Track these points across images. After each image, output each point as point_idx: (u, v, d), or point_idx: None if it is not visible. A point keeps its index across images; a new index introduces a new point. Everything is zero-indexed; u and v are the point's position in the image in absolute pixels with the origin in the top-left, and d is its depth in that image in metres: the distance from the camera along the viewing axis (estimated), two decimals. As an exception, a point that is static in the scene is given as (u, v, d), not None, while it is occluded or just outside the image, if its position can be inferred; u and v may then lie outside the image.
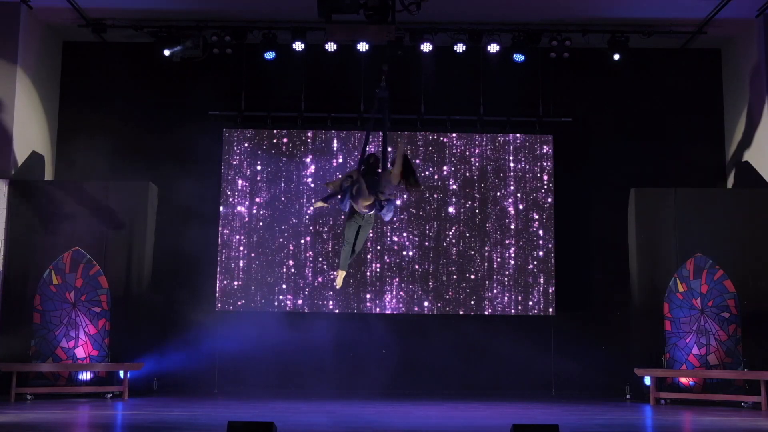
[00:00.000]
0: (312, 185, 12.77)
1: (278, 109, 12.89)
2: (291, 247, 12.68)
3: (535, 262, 12.65)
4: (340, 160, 12.81)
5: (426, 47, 12.28)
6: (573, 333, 12.58)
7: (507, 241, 12.70)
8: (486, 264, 12.67)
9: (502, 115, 12.89)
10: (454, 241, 12.71)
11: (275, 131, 12.88)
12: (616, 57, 12.47)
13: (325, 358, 12.53)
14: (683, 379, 11.34)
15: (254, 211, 12.73)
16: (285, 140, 12.87)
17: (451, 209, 12.77)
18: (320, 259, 12.67)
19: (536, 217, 12.73)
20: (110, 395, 11.23)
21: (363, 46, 12.33)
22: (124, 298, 11.58)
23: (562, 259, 12.71)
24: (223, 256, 12.62)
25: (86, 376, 11.36)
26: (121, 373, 11.27)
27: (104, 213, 11.71)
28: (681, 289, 11.50)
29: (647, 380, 11.33)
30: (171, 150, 12.91)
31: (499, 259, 12.67)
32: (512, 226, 12.73)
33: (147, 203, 11.99)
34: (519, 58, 12.51)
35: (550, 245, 12.67)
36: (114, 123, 12.97)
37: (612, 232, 12.64)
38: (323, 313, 12.62)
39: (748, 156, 12.36)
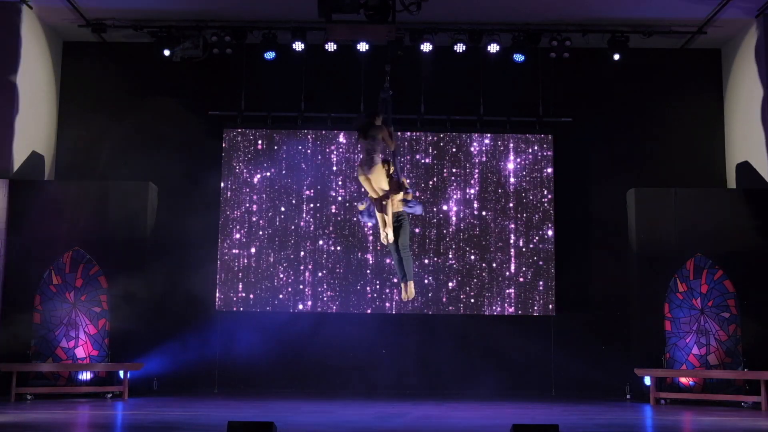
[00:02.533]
0: (312, 185, 12.77)
1: (278, 109, 12.89)
2: (291, 247, 12.67)
3: (535, 262, 12.64)
4: (341, 160, 12.81)
5: (426, 47, 12.29)
6: (573, 333, 12.59)
7: (507, 241, 12.70)
8: (486, 264, 12.67)
9: (502, 115, 12.89)
10: (454, 240, 12.71)
11: (275, 131, 12.88)
12: (616, 57, 12.48)
13: (325, 358, 12.54)
14: (683, 379, 11.34)
15: (254, 211, 12.72)
16: (285, 140, 12.87)
17: (451, 209, 12.77)
18: (320, 259, 12.66)
19: (536, 216, 12.73)
20: (110, 395, 11.23)
21: (363, 46, 12.34)
22: (124, 298, 11.57)
23: (562, 259, 12.71)
24: (223, 255, 12.62)
25: (86, 376, 11.36)
26: (121, 373, 11.27)
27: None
28: (681, 289, 11.50)
29: (647, 380, 11.33)
30: (171, 150, 12.91)
31: (498, 259, 12.67)
32: (512, 226, 12.73)
33: (147, 203, 11.99)
34: (519, 58, 12.52)
35: (550, 245, 12.67)
36: (114, 123, 12.98)
37: (612, 232, 12.64)
38: (323, 313, 12.62)
39: (748, 156, 12.36)
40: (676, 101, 13.19)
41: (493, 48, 12.42)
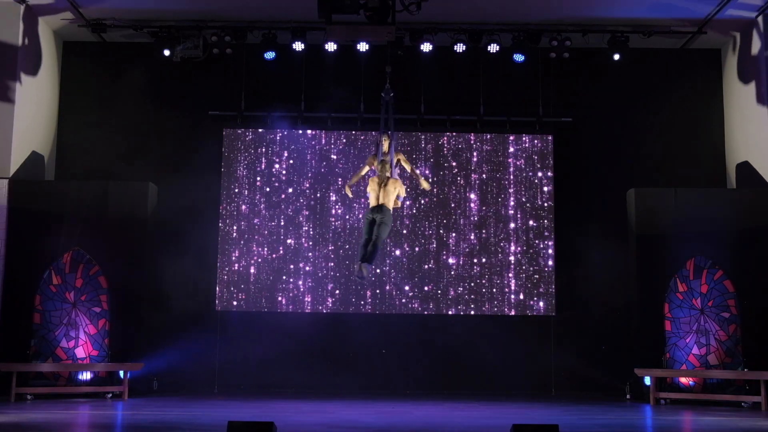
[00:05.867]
0: (312, 185, 12.78)
1: (278, 109, 12.89)
2: (291, 247, 12.68)
3: (535, 262, 12.65)
4: (340, 160, 12.82)
5: (426, 47, 12.29)
6: (573, 333, 12.59)
7: (507, 241, 12.70)
8: (486, 264, 12.67)
9: (502, 115, 12.89)
10: (454, 240, 12.71)
11: (275, 131, 12.88)
12: (616, 57, 12.49)
13: (325, 358, 12.55)
14: (683, 379, 11.34)
15: (254, 211, 12.73)
16: (285, 140, 12.87)
17: (450, 209, 12.77)
18: (320, 258, 12.66)
19: (536, 216, 12.73)
20: (110, 395, 11.23)
21: (363, 46, 12.34)
22: (124, 298, 11.57)
23: (562, 259, 12.71)
24: (223, 255, 12.62)
25: (86, 376, 11.36)
26: (121, 373, 11.27)
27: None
28: (681, 289, 11.50)
29: (647, 380, 11.33)
30: (171, 150, 12.93)
31: (499, 259, 12.67)
32: (512, 226, 12.73)
33: (146, 203, 11.99)
34: (519, 58, 12.52)
35: (550, 245, 12.67)
36: (114, 123, 12.98)
37: (612, 232, 12.63)
38: (323, 313, 12.63)
39: (748, 156, 12.36)
40: (676, 101, 13.20)
41: (493, 48, 12.42)
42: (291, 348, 12.52)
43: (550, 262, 12.64)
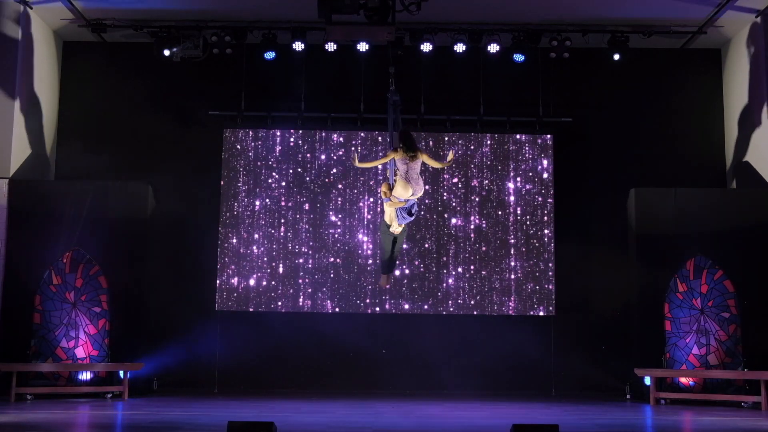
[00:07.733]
0: (312, 185, 12.77)
1: (278, 109, 12.89)
2: (290, 247, 12.68)
3: (535, 262, 12.64)
4: (340, 160, 12.81)
5: (426, 47, 12.28)
6: (573, 333, 12.59)
7: (507, 241, 12.70)
8: (486, 264, 12.66)
9: (502, 115, 12.89)
10: (453, 240, 12.71)
11: (275, 131, 12.88)
12: (616, 57, 12.48)
13: (325, 358, 12.55)
14: (683, 379, 11.34)
15: (254, 211, 12.73)
16: (285, 140, 12.87)
17: (451, 209, 12.77)
18: (320, 259, 12.66)
19: (536, 216, 12.73)
20: (110, 395, 11.23)
21: (363, 46, 12.33)
22: (124, 298, 11.57)
23: (562, 259, 12.71)
24: (223, 255, 12.62)
25: (86, 376, 11.36)
26: (121, 373, 11.27)
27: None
28: (681, 289, 11.50)
29: (647, 380, 11.33)
30: (171, 150, 12.93)
31: (499, 259, 12.67)
32: (512, 226, 12.73)
33: (146, 203, 11.99)
34: (519, 58, 12.52)
35: (550, 245, 12.67)
36: (114, 123, 12.98)
37: (612, 232, 12.64)
38: (323, 313, 12.63)
39: (748, 156, 12.36)
40: (676, 101, 13.20)
41: (493, 48, 12.41)
42: (291, 348, 12.52)
43: (551, 262, 12.63)
